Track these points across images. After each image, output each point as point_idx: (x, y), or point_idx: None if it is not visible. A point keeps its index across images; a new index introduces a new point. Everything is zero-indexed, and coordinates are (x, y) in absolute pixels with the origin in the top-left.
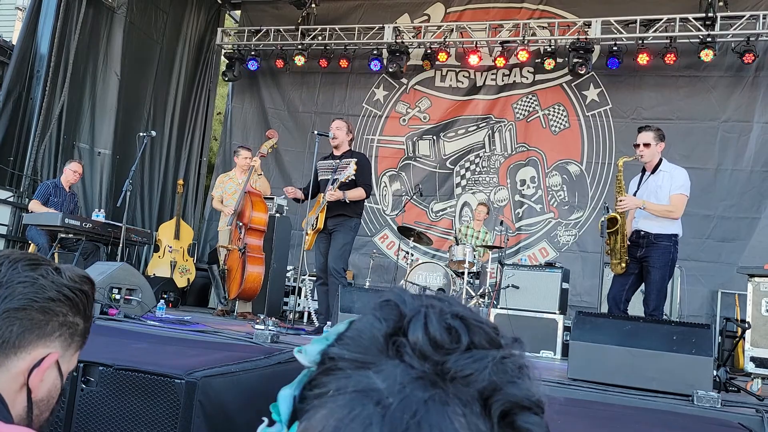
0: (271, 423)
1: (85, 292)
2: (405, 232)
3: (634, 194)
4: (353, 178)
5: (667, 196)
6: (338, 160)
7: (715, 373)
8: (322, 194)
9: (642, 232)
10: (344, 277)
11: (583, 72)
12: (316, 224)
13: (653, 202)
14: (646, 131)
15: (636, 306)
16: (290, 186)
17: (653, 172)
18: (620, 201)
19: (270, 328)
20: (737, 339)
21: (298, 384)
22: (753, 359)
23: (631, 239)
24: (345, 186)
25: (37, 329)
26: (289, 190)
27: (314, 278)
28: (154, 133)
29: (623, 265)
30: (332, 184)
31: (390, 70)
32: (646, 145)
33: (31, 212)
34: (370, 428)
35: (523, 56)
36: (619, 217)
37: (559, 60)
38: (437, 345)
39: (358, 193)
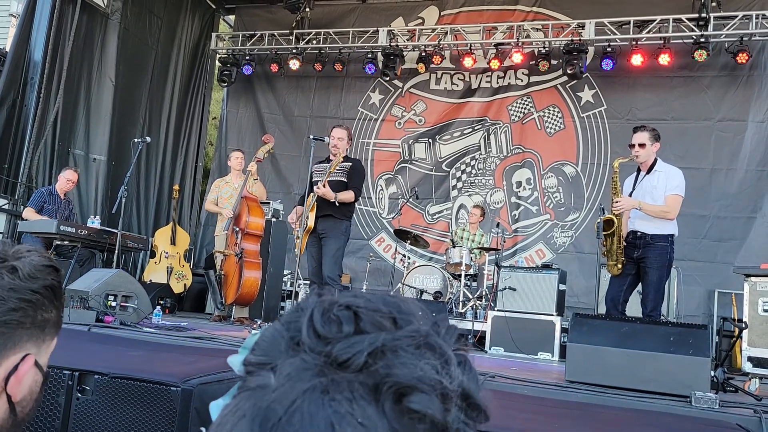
0: None
1: (50, 286)
2: (401, 235)
3: (630, 194)
4: (345, 180)
5: (662, 197)
6: (339, 166)
7: (712, 373)
8: (312, 194)
9: (638, 233)
10: (339, 284)
11: (576, 73)
12: (306, 223)
13: (649, 203)
14: (641, 131)
15: (634, 307)
16: (291, 216)
17: (648, 172)
18: (616, 202)
19: None
20: (734, 339)
21: (229, 395)
22: (750, 359)
23: (627, 240)
24: (336, 188)
25: (4, 341)
26: (292, 220)
27: (309, 283)
28: (148, 138)
29: (619, 266)
30: (321, 179)
31: (385, 73)
32: (642, 145)
33: (26, 220)
34: (242, 420)
35: (517, 58)
36: (615, 219)
37: (554, 62)
38: (320, 336)
39: (348, 195)
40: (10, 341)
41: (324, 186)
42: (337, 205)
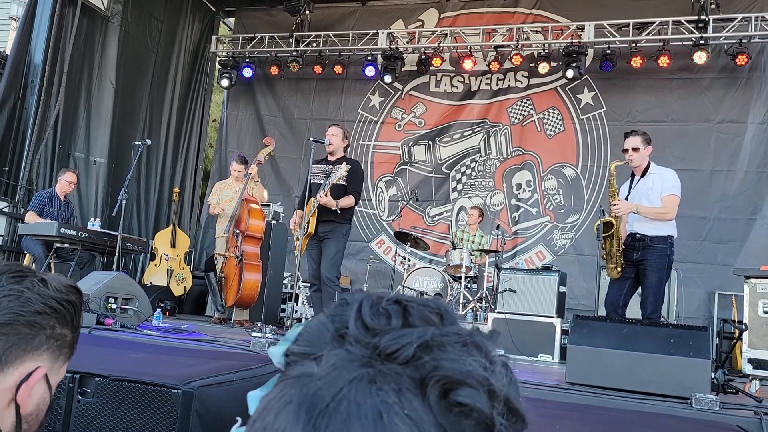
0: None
1: (72, 303)
2: (401, 237)
3: (626, 199)
4: (344, 184)
5: (658, 198)
6: (332, 166)
7: (713, 375)
8: (313, 198)
9: (638, 235)
10: (338, 285)
11: (576, 75)
12: (307, 229)
13: (645, 205)
14: (633, 136)
15: (633, 310)
16: (292, 220)
17: (642, 175)
18: (614, 206)
19: (267, 335)
20: (734, 341)
21: (269, 385)
22: (751, 360)
23: (626, 243)
24: (337, 191)
25: (24, 344)
26: (294, 225)
27: (308, 285)
28: (149, 141)
29: (619, 269)
30: (323, 189)
31: (384, 76)
32: (635, 149)
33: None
34: (288, 406)
35: (517, 60)
36: (614, 221)
37: (553, 64)
38: (368, 327)
39: (348, 201)
40: (30, 345)
41: (327, 195)
42: (339, 212)
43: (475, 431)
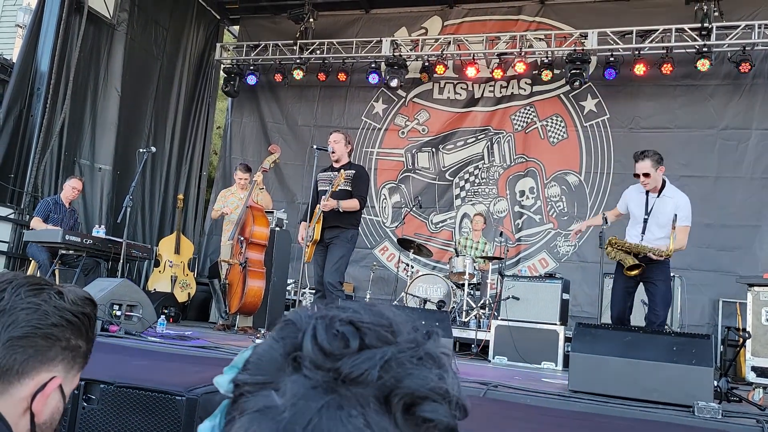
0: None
1: (87, 315)
2: (405, 244)
3: (646, 217)
4: (349, 189)
5: (668, 225)
6: (337, 172)
7: (716, 383)
8: (319, 205)
9: (641, 255)
10: (341, 291)
11: (579, 82)
12: (313, 235)
13: (654, 231)
14: (642, 160)
15: (637, 316)
16: (300, 235)
17: (658, 195)
18: (659, 255)
19: None
20: (738, 348)
21: (221, 414)
22: (754, 369)
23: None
24: (339, 195)
25: (40, 355)
26: (301, 238)
27: (314, 291)
28: (153, 149)
29: (631, 259)
30: (326, 195)
31: (392, 85)
32: (646, 174)
33: (33, 229)
34: None
35: (520, 68)
36: (643, 266)
37: (557, 71)
38: (327, 353)
39: (352, 203)
40: (45, 357)
41: (328, 200)
42: (341, 212)
43: None
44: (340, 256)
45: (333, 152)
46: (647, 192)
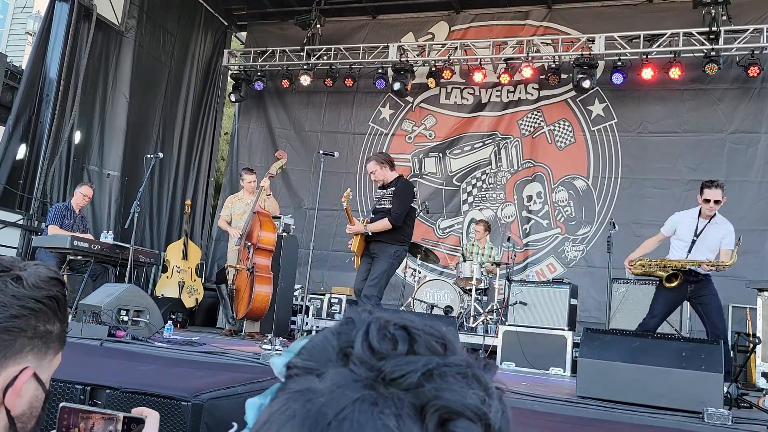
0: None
1: (54, 297)
2: (412, 249)
3: (694, 239)
4: (388, 207)
5: (717, 247)
6: (385, 190)
7: (726, 389)
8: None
9: (692, 273)
10: (377, 305)
11: (587, 87)
12: (352, 247)
13: (704, 252)
14: (715, 188)
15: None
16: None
17: (709, 220)
18: (712, 266)
19: (277, 347)
20: (748, 354)
21: (268, 393)
22: (764, 374)
23: (686, 279)
24: (384, 213)
25: (4, 350)
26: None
27: (319, 296)
28: (161, 154)
29: (675, 277)
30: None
31: (395, 88)
32: (717, 201)
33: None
34: (293, 420)
35: (527, 73)
36: (679, 273)
37: (564, 76)
38: (374, 351)
39: (380, 225)
40: (10, 350)
41: (363, 222)
42: (370, 234)
43: None
44: (382, 271)
45: (375, 180)
46: (698, 217)
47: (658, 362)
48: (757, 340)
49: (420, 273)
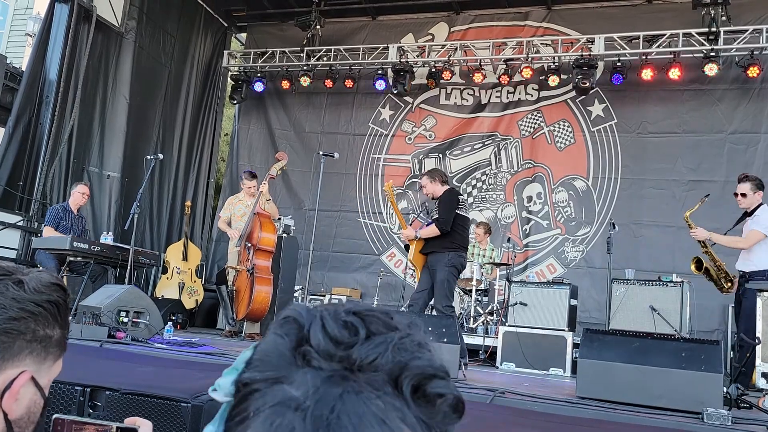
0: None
1: (55, 302)
2: None
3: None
4: (436, 216)
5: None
6: (435, 202)
7: (725, 389)
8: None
9: (741, 272)
10: (451, 312)
11: (587, 87)
12: (407, 258)
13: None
14: (743, 182)
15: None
16: None
17: (750, 215)
18: (692, 232)
19: None
20: (748, 355)
21: (220, 419)
22: (765, 375)
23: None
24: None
25: (2, 352)
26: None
27: (319, 297)
28: (161, 155)
29: (728, 285)
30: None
31: (395, 89)
32: (743, 194)
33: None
34: None
35: (527, 73)
36: (701, 259)
37: (564, 76)
38: (338, 342)
39: (429, 230)
40: (8, 353)
41: (407, 228)
42: (435, 239)
43: (448, 416)
44: (442, 279)
45: (426, 194)
46: (745, 212)
47: (658, 363)
48: (757, 341)
49: None
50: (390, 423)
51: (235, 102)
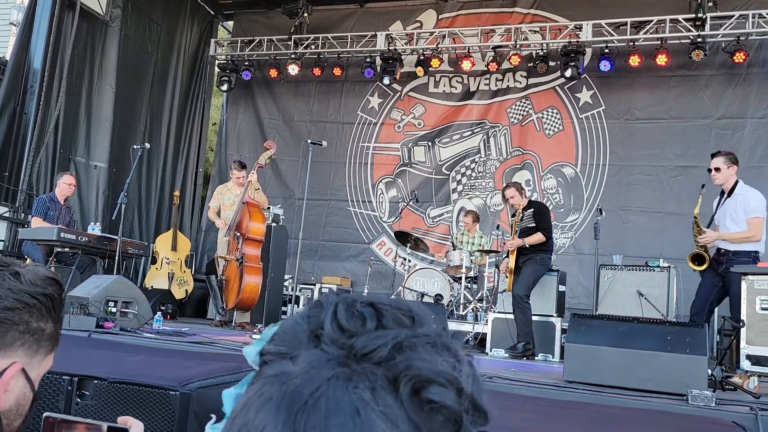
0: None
1: (49, 295)
2: (402, 238)
3: (713, 216)
4: (533, 225)
5: (743, 219)
6: (523, 212)
7: (710, 372)
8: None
9: (722, 250)
10: (527, 302)
11: (574, 74)
12: (509, 266)
13: (729, 226)
14: (717, 156)
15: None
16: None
17: (729, 194)
18: (701, 237)
19: None
20: (732, 337)
21: (244, 383)
22: (749, 357)
23: (713, 257)
24: (525, 232)
25: None
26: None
27: (309, 286)
28: (147, 145)
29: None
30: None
31: (383, 77)
32: (717, 169)
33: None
34: (269, 403)
35: (515, 61)
36: (704, 254)
37: (552, 63)
38: (344, 329)
39: (536, 237)
40: (1, 342)
41: (513, 238)
42: (527, 247)
43: (444, 426)
44: (530, 273)
45: (513, 204)
46: (722, 192)
47: (644, 346)
48: (741, 323)
49: (410, 262)
50: (363, 415)
51: (225, 90)
